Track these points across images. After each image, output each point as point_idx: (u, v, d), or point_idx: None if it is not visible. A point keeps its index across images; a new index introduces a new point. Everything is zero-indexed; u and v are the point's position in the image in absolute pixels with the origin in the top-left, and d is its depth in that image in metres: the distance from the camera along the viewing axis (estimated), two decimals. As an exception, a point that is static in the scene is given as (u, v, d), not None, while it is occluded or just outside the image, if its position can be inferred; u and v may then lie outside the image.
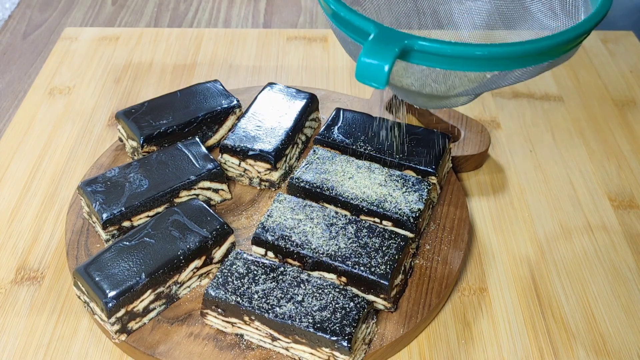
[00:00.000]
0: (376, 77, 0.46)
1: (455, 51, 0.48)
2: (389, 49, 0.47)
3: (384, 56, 0.47)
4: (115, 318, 0.57)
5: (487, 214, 0.74)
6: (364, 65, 0.47)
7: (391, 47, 0.47)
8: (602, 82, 0.94)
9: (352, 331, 0.54)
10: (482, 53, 0.49)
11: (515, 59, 0.51)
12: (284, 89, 0.79)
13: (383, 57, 0.47)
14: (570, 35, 0.52)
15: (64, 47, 0.99)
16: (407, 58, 0.49)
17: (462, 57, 0.49)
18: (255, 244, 0.63)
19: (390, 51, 0.47)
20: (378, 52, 0.47)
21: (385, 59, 0.47)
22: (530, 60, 0.52)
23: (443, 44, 0.48)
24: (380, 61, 0.46)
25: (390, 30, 0.49)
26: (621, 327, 0.63)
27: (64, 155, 0.80)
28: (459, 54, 0.49)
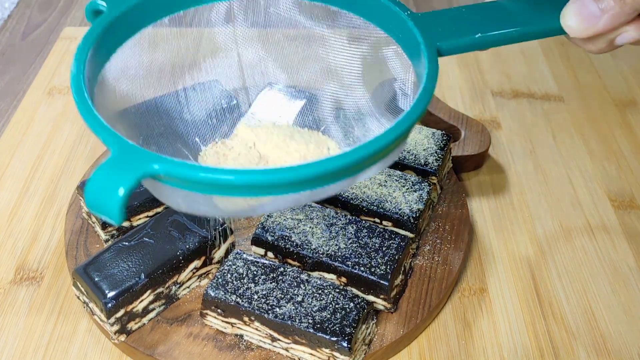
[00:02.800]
0: (108, 203, 0.36)
1: (203, 178, 0.38)
2: (127, 170, 0.37)
3: (119, 178, 0.37)
4: (115, 318, 0.57)
5: (487, 214, 0.74)
6: (95, 182, 0.37)
7: (131, 169, 0.37)
8: (602, 82, 0.94)
9: (352, 332, 0.54)
10: (233, 180, 0.38)
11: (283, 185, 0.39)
12: (284, 89, 0.79)
13: (118, 179, 0.37)
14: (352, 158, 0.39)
15: (64, 47, 0.99)
16: (158, 179, 0.39)
17: (212, 184, 0.38)
18: (255, 244, 0.63)
19: (130, 173, 0.37)
20: (113, 172, 0.37)
21: (121, 181, 0.37)
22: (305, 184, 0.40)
23: (188, 169, 0.38)
24: (114, 183, 0.36)
25: (133, 150, 0.39)
26: (621, 327, 0.63)
27: (64, 155, 0.80)
28: (208, 181, 0.38)
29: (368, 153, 0.39)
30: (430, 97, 0.43)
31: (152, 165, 0.38)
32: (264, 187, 0.39)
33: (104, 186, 0.37)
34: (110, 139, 0.40)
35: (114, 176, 0.37)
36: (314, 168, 0.38)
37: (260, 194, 0.40)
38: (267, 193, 0.40)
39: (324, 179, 0.40)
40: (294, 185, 0.39)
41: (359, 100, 0.56)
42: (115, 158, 0.38)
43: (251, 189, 0.39)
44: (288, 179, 0.38)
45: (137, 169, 0.38)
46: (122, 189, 0.36)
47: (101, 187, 0.37)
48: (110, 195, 0.36)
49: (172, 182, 0.40)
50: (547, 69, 0.96)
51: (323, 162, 0.38)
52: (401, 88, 0.51)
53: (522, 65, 0.97)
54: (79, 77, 0.44)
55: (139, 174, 0.38)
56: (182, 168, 0.38)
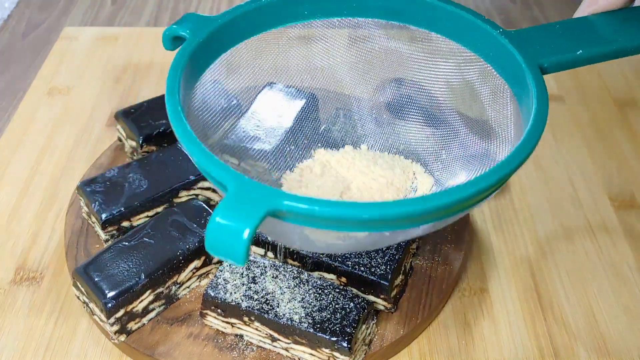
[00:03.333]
0: (232, 246, 0.34)
1: (333, 213, 0.36)
2: (251, 210, 0.35)
3: (244, 219, 0.34)
4: (115, 318, 0.57)
5: (487, 214, 0.74)
6: (215, 229, 0.35)
7: (255, 208, 0.35)
8: (602, 82, 0.94)
9: (352, 332, 0.54)
10: (364, 215, 0.36)
11: (412, 219, 0.38)
12: (284, 89, 0.79)
13: (242, 220, 0.34)
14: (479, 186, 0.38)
15: (63, 46, 0.99)
16: (280, 217, 0.37)
17: (336, 219, 0.37)
18: (255, 244, 0.63)
19: (254, 212, 0.35)
20: (236, 213, 0.35)
21: (245, 222, 0.34)
22: (428, 218, 0.39)
23: (316, 204, 0.36)
24: (238, 225, 0.34)
25: (254, 186, 0.36)
26: (622, 328, 0.63)
27: (63, 155, 0.80)
28: (333, 216, 0.36)
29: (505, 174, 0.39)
30: (546, 116, 0.42)
31: (278, 202, 0.35)
32: (399, 220, 0.38)
33: (226, 229, 0.34)
34: (228, 177, 0.37)
35: (237, 218, 0.34)
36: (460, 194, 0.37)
37: (392, 228, 0.39)
38: (398, 227, 0.39)
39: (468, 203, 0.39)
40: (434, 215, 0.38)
41: (446, 122, 0.54)
42: (234, 196, 0.36)
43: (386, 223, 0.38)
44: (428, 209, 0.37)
45: (261, 208, 0.35)
46: (248, 231, 0.34)
47: (224, 231, 0.34)
48: (235, 239, 0.34)
49: (293, 219, 0.37)
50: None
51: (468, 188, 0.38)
52: (493, 108, 0.49)
53: (523, 65, 0.97)
54: (178, 111, 0.42)
55: (263, 213, 0.35)
56: (314, 204, 0.36)
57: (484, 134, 0.52)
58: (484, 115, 0.51)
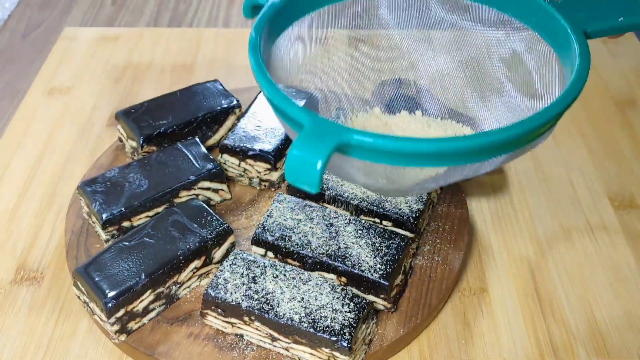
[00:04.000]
0: (308, 175, 0.39)
1: (398, 147, 0.42)
2: (322, 143, 0.40)
3: (317, 151, 0.40)
4: (115, 318, 0.57)
5: (487, 214, 0.74)
6: (294, 160, 0.40)
7: (325, 142, 0.40)
8: (602, 82, 0.94)
9: (352, 331, 0.54)
10: (428, 149, 0.41)
11: (471, 154, 0.43)
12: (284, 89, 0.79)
13: (316, 152, 0.40)
14: (538, 121, 0.44)
15: (64, 47, 0.99)
16: (347, 152, 0.43)
17: (405, 154, 0.42)
18: (255, 244, 0.63)
19: (324, 146, 0.40)
20: (310, 146, 0.40)
21: (318, 154, 0.40)
22: (490, 153, 0.44)
23: (385, 139, 0.41)
24: (313, 157, 0.40)
25: (325, 123, 0.42)
26: (621, 328, 0.63)
27: (64, 155, 0.80)
28: (403, 150, 0.42)
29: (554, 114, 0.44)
30: (586, 76, 0.47)
31: (348, 136, 0.41)
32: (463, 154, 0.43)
33: (302, 161, 0.40)
34: (303, 115, 0.43)
35: (311, 150, 0.40)
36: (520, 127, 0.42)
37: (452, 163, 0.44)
38: (458, 162, 0.44)
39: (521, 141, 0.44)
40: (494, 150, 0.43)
41: (494, 87, 0.58)
42: (309, 132, 0.41)
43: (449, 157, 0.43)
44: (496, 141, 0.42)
45: (332, 141, 0.40)
46: (320, 162, 0.39)
47: (300, 162, 0.40)
48: (310, 169, 0.39)
49: (361, 154, 0.42)
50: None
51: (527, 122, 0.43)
52: (539, 72, 0.54)
53: (522, 65, 0.97)
54: (259, 62, 0.48)
55: (333, 146, 0.40)
56: (379, 139, 0.41)
57: (531, 96, 0.55)
58: (530, 78, 0.55)
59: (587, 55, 0.48)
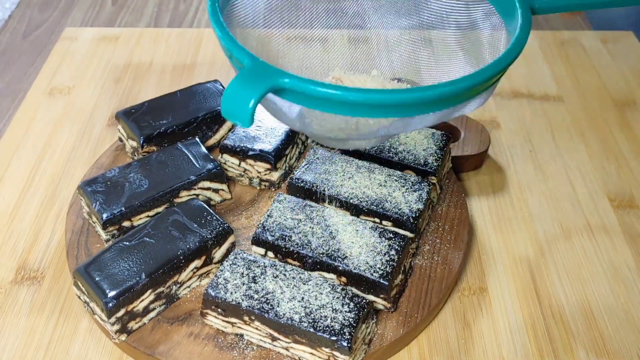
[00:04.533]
0: (241, 110, 0.42)
1: (320, 93, 0.43)
2: (257, 83, 0.42)
3: (252, 90, 0.42)
4: (115, 318, 0.57)
5: (487, 214, 0.74)
6: (230, 96, 0.42)
7: (260, 82, 0.42)
8: (602, 82, 0.94)
9: (352, 331, 0.54)
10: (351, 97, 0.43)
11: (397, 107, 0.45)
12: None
13: (250, 92, 0.42)
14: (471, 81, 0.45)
15: (64, 47, 0.99)
16: (281, 94, 0.45)
17: (333, 100, 0.44)
18: (255, 244, 0.63)
19: (259, 86, 0.42)
20: (246, 85, 0.42)
21: (252, 93, 0.42)
22: (419, 108, 0.46)
23: (310, 84, 0.43)
24: (247, 94, 0.42)
25: (264, 65, 0.44)
26: (621, 327, 0.63)
27: (64, 155, 0.80)
28: (328, 96, 0.43)
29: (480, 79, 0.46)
30: (524, 42, 0.49)
31: (281, 79, 0.43)
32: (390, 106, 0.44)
33: (237, 97, 0.42)
34: (243, 54, 0.45)
35: (246, 88, 0.42)
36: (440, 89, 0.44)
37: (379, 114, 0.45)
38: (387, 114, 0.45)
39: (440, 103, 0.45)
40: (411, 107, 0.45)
41: (449, 58, 0.60)
42: (247, 72, 0.43)
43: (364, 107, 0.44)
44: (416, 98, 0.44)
45: (267, 82, 0.42)
46: (253, 100, 0.42)
47: (235, 97, 0.42)
48: (243, 106, 0.41)
49: (293, 97, 0.44)
50: (546, 69, 0.97)
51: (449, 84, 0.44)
52: (492, 45, 0.55)
53: (522, 65, 0.97)
54: (215, 4, 0.50)
55: (268, 86, 0.42)
56: (308, 84, 0.43)
57: (481, 62, 0.57)
58: (481, 49, 0.57)
59: (527, 28, 0.50)
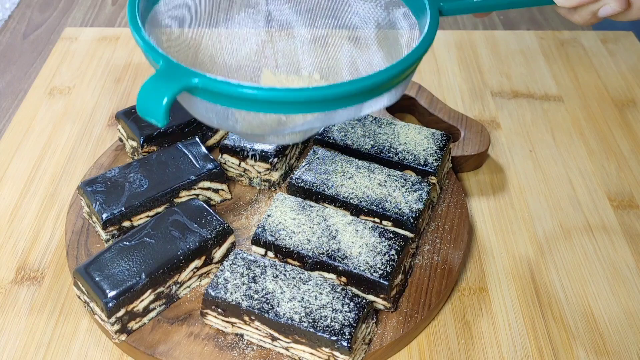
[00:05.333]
0: (155, 109, 0.44)
1: (234, 91, 0.45)
2: (171, 82, 0.44)
3: (165, 89, 0.44)
4: (115, 318, 0.57)
5: (487, 214, 0.74)
6: (144, 96, 0.44)
7: (174, 82, 0.44)
8: (601, 82, 0.94)
9: (352, 331, 0.54)
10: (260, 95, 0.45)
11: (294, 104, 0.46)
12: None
13: (163, 90, 0.44)
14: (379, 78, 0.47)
15: (64, 47, 0.99)
16: (194, 93, 0.46)
17: (237, 97, 0.45)
18: (255, 244, 0.63)
19: (172, 85, 0.44)
20: (160, 84, 0.44)
21: (165, 92, 0.44)
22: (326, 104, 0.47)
23: (221, 83, 0.45)
24: (160, 93, 0.44)
25: (177, 65, 0.46)
26: (621, 327, 0.63)
27: (64, 155, 0.80)
28: (237, 94, 0.45)
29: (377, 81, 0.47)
30: (430, 42, 0.50)
31: (191, 79, 0.45)
32: (287, 104, 0.46)
33: (151, 95, 0.44)
34: (158, 56, 0.46)
35: (159, 87, 0.44)
36: (333, 89, 0.46)
37: (282, 111, 0.47)
38: (288, 110, 0.47)
39: (337, 101, 0.47)
40: (311, 104, 0.46)
41: (371, 56, 0.61)
42: (161, 72, 0.45)
43: (272, 105, 0.46)
44: (309, 96, 0.45)
45: (179, 82, 0.44)
46: (166, 99, 0.43)
47: (149, 96, 0.44)
48: (156, 103, 0.43)
49: (206, 96, 0.46)
50: (546, 69, 0.97)
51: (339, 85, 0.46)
52: (409, 46, 0.56)
53: (522, 65, 0.97)
54: (133, 4, 0.52)
55: (180, 86, 0.44)
56: (218, 82, 0.45)
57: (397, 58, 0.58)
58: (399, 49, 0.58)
59: (433, 29, 0.51)
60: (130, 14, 0.51)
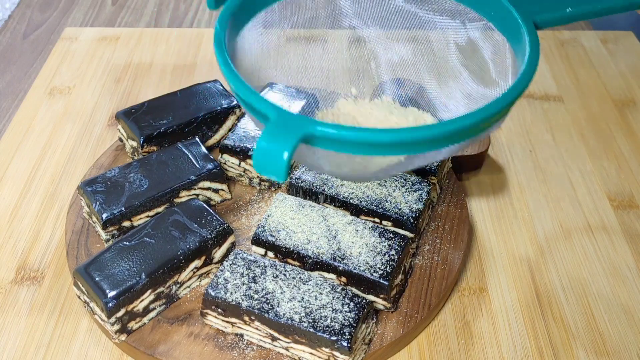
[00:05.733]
0: (275, 165, 0.41)
1: (360, 137, 0.43)
2: (288, 135, 0.42)
3: (283, 142, 0.41)
4: (115, 318, 0.57)
5: (487, 214, 0.74)
6: (261, 151, 0.41)
7: (291, 134, 0.42)
8: (601, 82, 0.94)
9: (352, 331, 0.54)
10: (389, 139, 0.43)
11: (429, 142, 0.45)
12: (284, 89, 0.79)
13: (282, 144, 0.41)
14: (496, 108, 0.46)
15: (64, 47, 0.99)
16: (312, 143, 0.44)
17: (366, 143, 0.44)
18: (255, 244, 0.63)
19: (290, 137, 0.42)
20: (277, 138, 0.42)
21: (284, 145, 0.41)
22: (445, 141, 0.46)
23: (346, 130, 0.43)
24: (279, 148, 0.41)
25: (290, 115, 0.44)
26: (621, 327, 0.63)
27: (64, 155, 0.80)
28: (364, 140, 0.44)
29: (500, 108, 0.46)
30: (536, 64, 0.49)
31: (311, 128, 0.42)
32: (419, 143, 0.44)
33: (269, 153, 0.41)
34: (269, 107, 0.44)
35: (277, 142, 0.41)
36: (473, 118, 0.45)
37: (411, 151, 0.46)
38: (419, 150, 0.46)
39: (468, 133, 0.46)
40: (449, 139, 0.45)
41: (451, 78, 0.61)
42: (274, 125, 0.42)
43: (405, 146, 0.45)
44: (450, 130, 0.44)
45: (296, 133, 0.42)
46: (286, 153, 0.41)
47: (267, 154, 0.41)
48: (277, 160, 0.41)
49: (324, 144, 0.44)
50: (546, 69, 0.97)
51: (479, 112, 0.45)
52: (494, 60, 0.56)
53: (522, 65, 0.97)
54: (225, 55, 0.49)
55: (298, 137, 0.42)
56: (341, 130, 0.43)
57: (487, 84, 0.58)
58: (486, 67, 0.58)
59: (536, 45, 0.50)
60: (222, 61, 0.48)
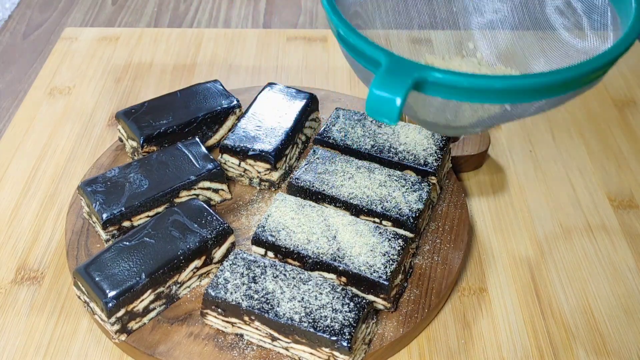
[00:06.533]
0: (388, 111, 0.42)
1: (473, 83, 0.44)
2: (401, 81, 0.42)
3: (396, 89, 0.42)
4: (115, 318, 0.57)
5: (487, 214, 0.74)
6: (374, 97, 0.42)
7: (403, 79, 0.43)
8: (601, 82, 0.94)
9: (352, 331, 0.54)
10: (501, 85, 0.44)
11: (538, 91, 0.46)
12: (284, 89, 0.79)
13: (394, 90, 0.42)
14: (600, 62, 0.47)
15: (64, 47, 0.99)
16: (421, 90, 0.45)
17: (479, 90, 0.44)
18: (255, 244, 0.63)
19: (403, 83, 0.42)
20: (389, 84, 0.42)
21: (397, 91, 0.42)
22: (555, 91, 0.47)
23: (459, 76, 0.44)
24: (392, 94, 0.42)
25: (402, 60, 0.44)
26: (621, 327, 0.63)
27: (64, 155, 0.80)
28: (476, 86, 0.44)
29: None
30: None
31: (425, 73, 0.43)
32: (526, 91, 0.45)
33: (382, 99, 0.42)
34: (380, 53, 0.44)
35: (390, 88, 0.42)
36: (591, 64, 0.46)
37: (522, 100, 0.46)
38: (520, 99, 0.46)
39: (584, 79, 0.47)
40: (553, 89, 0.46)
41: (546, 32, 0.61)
42: (387, 70, 0.43)
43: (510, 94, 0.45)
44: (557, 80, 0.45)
45: (409, 79, 0.42)
46: (399, 99, 0.42)
47: (380, 100, 0.42)
48: (390, 106, 0.42)
49: (435, 91, 0.44)
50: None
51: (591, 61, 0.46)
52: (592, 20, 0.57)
53: (522, 65, 0.97)
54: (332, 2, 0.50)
55: (411, 83, 0.42)
56: (457, 76, 0.43)
57: (582, 40, 0.59)
58: (581, 23, 0.58)
59: None
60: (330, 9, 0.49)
